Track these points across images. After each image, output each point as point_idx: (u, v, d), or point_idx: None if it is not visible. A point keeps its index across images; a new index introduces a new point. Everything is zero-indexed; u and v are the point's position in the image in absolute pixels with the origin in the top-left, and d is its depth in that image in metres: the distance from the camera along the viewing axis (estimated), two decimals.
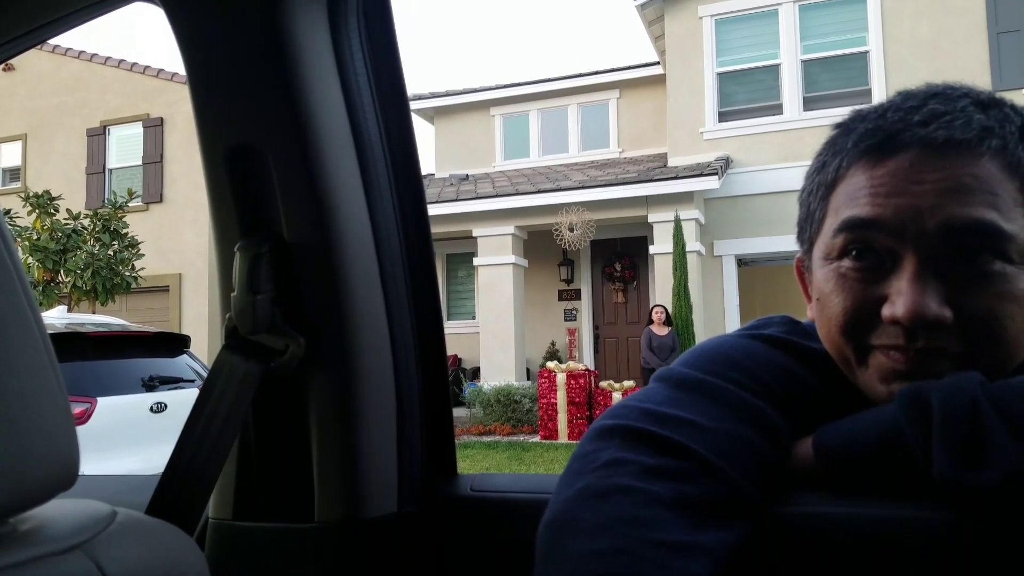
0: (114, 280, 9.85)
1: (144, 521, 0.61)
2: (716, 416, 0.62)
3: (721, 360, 0.67)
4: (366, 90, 0.87)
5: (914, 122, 0.61)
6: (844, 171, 0.65)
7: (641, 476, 0.57)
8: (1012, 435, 0.53)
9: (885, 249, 0.61)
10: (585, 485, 0.59)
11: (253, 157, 0.82)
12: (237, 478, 0.88)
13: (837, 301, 0.64)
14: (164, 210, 13.05)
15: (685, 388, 0.65)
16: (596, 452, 0.61)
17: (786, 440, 0.64)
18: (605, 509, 0.56)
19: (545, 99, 13.06)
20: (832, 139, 0.69)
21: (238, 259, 0.81)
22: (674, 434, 0.60)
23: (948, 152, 0.59)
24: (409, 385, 0.90)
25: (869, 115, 0.65)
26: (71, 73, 13.96)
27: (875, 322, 0.62)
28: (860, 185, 0.63)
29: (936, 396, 0.56)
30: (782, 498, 0.63)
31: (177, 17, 0.82)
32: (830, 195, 0.67)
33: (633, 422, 0.62)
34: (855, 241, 0.63)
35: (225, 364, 0.81)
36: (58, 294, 9.80)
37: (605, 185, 9.93)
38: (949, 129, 0.59)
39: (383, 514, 0.85)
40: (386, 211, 0.89)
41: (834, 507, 0.61)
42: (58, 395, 0.50)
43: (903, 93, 0.65)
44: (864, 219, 0.62)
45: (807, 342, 0.70)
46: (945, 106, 0.61)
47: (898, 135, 0.61)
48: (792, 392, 0.66)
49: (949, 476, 0.54)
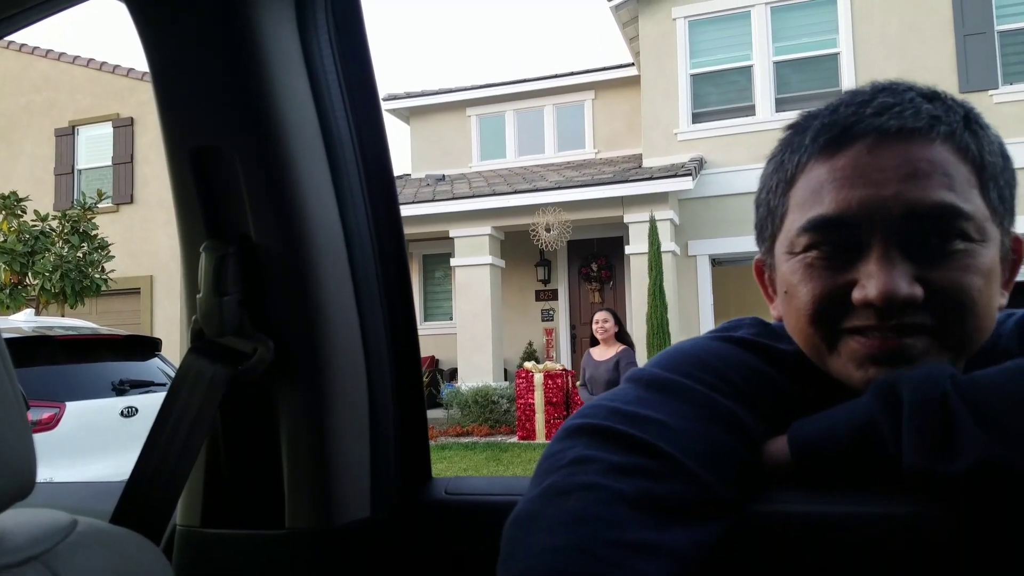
0: (83, 282, 9.69)
1: (107, 530, 0.60)
2: (685, 416, 0.62)
3: (691, 361, 0.68)
4: (336, 89, 0.86)
5: (867, 114, 0.63)
6: (803, 166, 0.67)
7: (606, 474, 0.58)
8: (980, 426, 0.54)
9: (852, 240, 0.63)
10: (550, 483, 0.59)
11: (219, 157, 0.81)
12: (205, 484, 0.86)
13: (806, 291, 0.65)
14: (135, 211, 12.86)
15: (655, 388, 0.65)
16: (563, 451, 0.61)
17: (758, 440, 0.65)
18: (567, 506, 0.56)
19: (521, 100, 13.07)
20: (787, 138, 0.71)
21: (203, 260, 0.80)
22: (642, 433, 0.60)
23: (902, 140, 0.62)
24: (382, 388, 0.88)
25: (821, 113, 0.67)
26: (39, 72, 13.71)
27: (846, 307, 0.63)
28: (821, 178, 0.65)
29: (906, 387, 0.58)
30: (756, 497, 0.63)
31: (140, 14, 0.80)
32: (790, 191, 0.69)
33: (601, 420, 0.62)
34: (823, 241, 0.65)
35: (191, 367, 0.79)
36: (26, 297, 9.62)
37: (581, 186, 9.96)
38: (900, 118, 0.62)
39: (355, 520, 0.84)
40: (357, 212, 0.87)
41: (809, 504, 0.62)
42: (13, 401, 0.48)
43: (851, 91, 0.67)
44: (829, 217, 0.63)
45: (776, 343, 0.71)
46: (894, 98, 0.64)
47: (853, 126, 0.64)
48: (762, 393, 0.67)
49: (919, 466, 0.55)
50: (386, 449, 0.88)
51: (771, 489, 0.64)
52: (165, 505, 0.76)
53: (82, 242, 9.87)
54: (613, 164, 11.49)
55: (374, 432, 0.87)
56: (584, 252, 11.92)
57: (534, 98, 12.99)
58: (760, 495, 0.63)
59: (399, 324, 0.92)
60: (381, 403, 0.88)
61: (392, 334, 0.91)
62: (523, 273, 12.02)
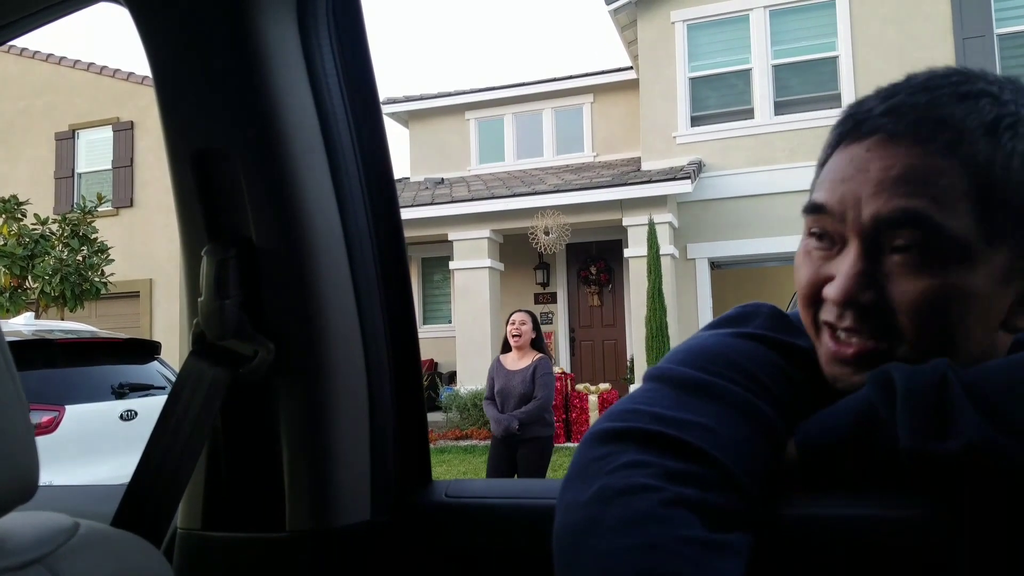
0: (83, 286, 9.68)
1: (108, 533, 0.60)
2: (727, 420, 0.61)
3: (720, 360, 0.66)
4: (336, 92, 0.86)
5: (877, 113, 0.63)
6: (828, 153, 0.68)
7: (663, 477, 0.57)
8: (977, 409, 0.54)
9: (836, 233, 0.65)
10: (603, 485, 0.57)
11: (221, 160, 0.81)
12: (206, 487, 0.86)
13: (802, 274, 0.68)
14: (134, 214, 12.85)
15: (689, 389, 0.64)
16: (610, 455, 0.59)
17: (784, 442, 0.64)
18: (632, 505, 0.55)
19: (520, 103, 13.08)
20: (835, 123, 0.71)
21: (205, 263, 0.80)
22: (690, 438, 0.59)
23: (900, 143, 0.61)
24: (382, 391, 0.88)
25: (856, 102, 0.68)
26: (39, 76, 13.71)
27: (823, 299, 0.65)
28: (830, 167, 0.66)
29: (899, 373, 0.58)
30: (779, 500, 0.63)
31: (142, 18, 0.80)
32: (819, 175, 0.70)
33: (647, 425, 0.61)
34: (813, 224, 0.67)
35: (192, 371, 0.79)
36: (25, 300, 9.61)
37: (580, 189, 9.96)
38: (901, 122, 0.61)
39: (356, 522, 0.84)
40: (357, 214, 0.88)
41: (822, 508, 0.62)
42: (16, 404, 0.49)
43: (903, 81, 0.65)
44: (816, 204, 0.66)
45: (795, 339, 0.70)
46: (913, 98, 0.62)
47: (862, 124, 0.64)
48: (787, 392, 0.66)
49: (914, 446, 0.55)
50: (386, 451, 0.88)
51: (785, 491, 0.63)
52: (166, 508, 0.76)
53: (82, 245, 9.87)
54: (612, 167, 11.50)
55: (374, 434, 0.87)
56: (583, 255, 11.92)
57: (533, 101, 13.00)
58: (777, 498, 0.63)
59: (399, 327, 0.92)
60: (381, 406, 0.88)
61: (392, 337, 0.91)
62: (522, 276, 12.01)
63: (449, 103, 13.42)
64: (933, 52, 9.49)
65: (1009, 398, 0.55)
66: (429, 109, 13.56)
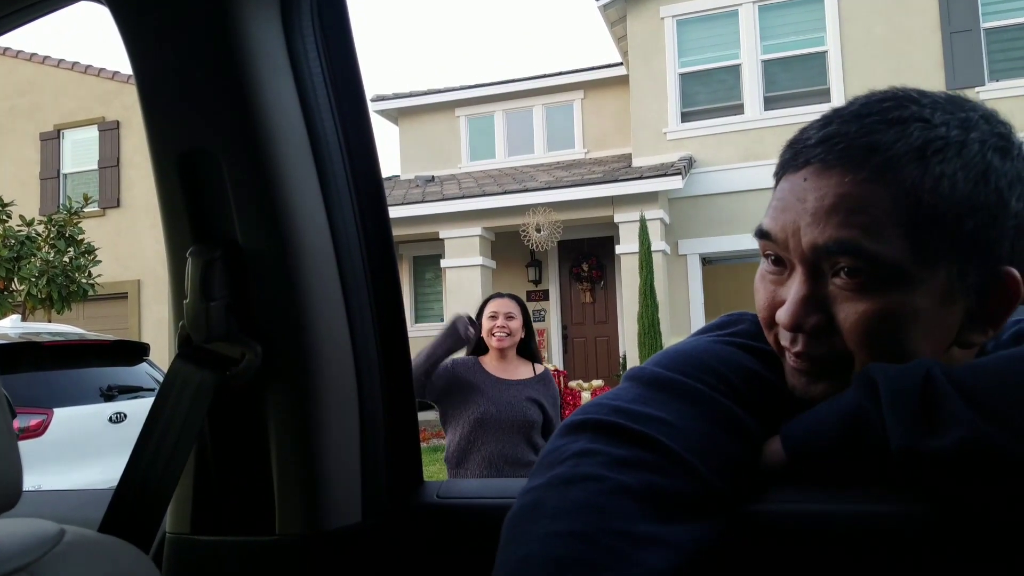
0: (70, 287, 9.62)
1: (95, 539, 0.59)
2: (688, 415, 0.63)
3: (693, 362, 0.68)
4: (322, 91, 0.85)
5: (811, 143, 0.65)
6: (776, 180, 0.70)
7: (610, 466, 0.58)
8: (968, 405, 0.54)
9: (785, 258, 0.67)
10: (553, 474, 0.59)
11: (205, 161, 0.80)
12: (195, 491, 0.85)
13: (759, 298, 0.70)
14: (121, 215, 12.78)
15: (656, 387, 0.66)
16: (566, 445, 0.62)
17: (756, 441, 0.66)
18: (571, 495, 0.57)
19: (510, 100, 13.06)
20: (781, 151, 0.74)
21: (190, 265, 0.79)
22: (646, 428, 0.61)
23: (832, 172, 0.62)
24: (372, 392, 0.88)
25: (799, 131, 0.69)
26: (22, 76, 13.60)
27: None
28: (776, 195, 0.68)
29: (882, 373, 0.59)
30: (755, 496, 0.63)
31: (123, 17, 0.79)
32: (771, 199, 0.72)
33: (604, 416, 0.63)
34: (765, 248, 0.69)
35: (179, 374, 0.78)
36: (12, 303, 9.55)
37: (571, 186, 9.97)
38: (833, 152, 0.62)
39: (346, 525, 0.83)
40: (345, 214, 0.87)
41: (806, 503, 0.62)
42: None
43: (842, 107, 0.67)
44: (763, 230, 0.68)
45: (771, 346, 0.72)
46: (846, 127, 0.63)
47: (799, 154, 0.66)
48: (761, 395, 0.68)
49: (905, 445, 0.55)
50: (377, 453, 0.88)
51: (770, 489, 0.64)
52: (154, 512, 0.75)
53: (68, 247, 9.80)
54: (603, 164, 11.50)
55: (364, 436, 0.86)
56: (575, 252, 11.93)
57: (523, 98, 12.98)
58: (758, 495, 0.64)
59: (389, 327, 0.91)
60: (371, 407, 0.87)
61: (382, 337, 0.90)
62: (514, 274, 12.00)
63: (439, 100, 13.38)
64: (921, 46, 9.55)
65: (1000, 393, 0.55)
66: (419, 106, 13.53)
